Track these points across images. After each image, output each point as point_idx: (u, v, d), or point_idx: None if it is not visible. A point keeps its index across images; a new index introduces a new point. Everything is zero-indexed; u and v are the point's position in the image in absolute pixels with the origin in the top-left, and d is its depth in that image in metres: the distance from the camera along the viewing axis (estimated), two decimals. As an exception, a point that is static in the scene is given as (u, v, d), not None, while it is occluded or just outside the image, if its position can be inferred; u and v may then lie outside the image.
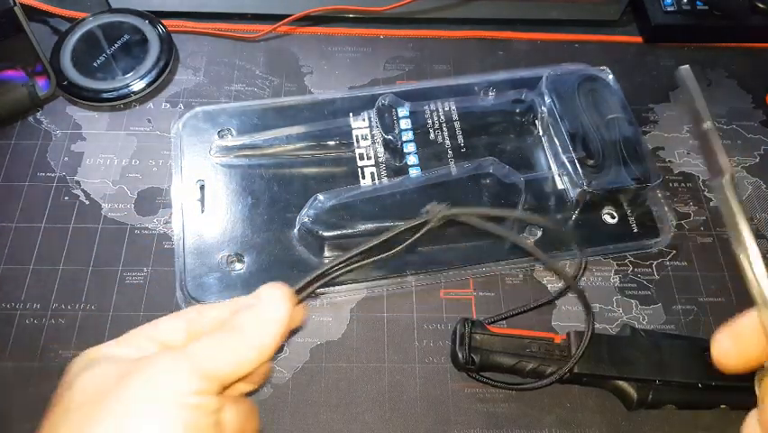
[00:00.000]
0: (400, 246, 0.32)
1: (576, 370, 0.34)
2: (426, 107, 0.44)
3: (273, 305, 0.28)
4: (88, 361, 0.27)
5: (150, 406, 0.24)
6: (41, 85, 0.46)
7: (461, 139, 0.43)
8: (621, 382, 0.34)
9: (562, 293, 0.39)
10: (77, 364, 0.27)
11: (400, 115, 0.44)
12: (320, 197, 0.39)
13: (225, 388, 0.27)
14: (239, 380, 0.28)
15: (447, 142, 0.43)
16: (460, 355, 0.35)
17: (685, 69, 0.28)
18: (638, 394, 0.34)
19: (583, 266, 0.38)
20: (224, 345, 0.27)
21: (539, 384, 0.35)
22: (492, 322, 0.37)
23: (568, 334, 0.35)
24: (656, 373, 0.34)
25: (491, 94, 0.45)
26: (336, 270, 0.31)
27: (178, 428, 0.24)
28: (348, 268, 0.32)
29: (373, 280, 0.39)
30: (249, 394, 0.30)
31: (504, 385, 0.36)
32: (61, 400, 0.26)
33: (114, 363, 0.26)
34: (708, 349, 0.35)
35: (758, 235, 0.42)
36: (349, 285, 0.39)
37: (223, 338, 0.27)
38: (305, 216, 0.39)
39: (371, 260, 0.32)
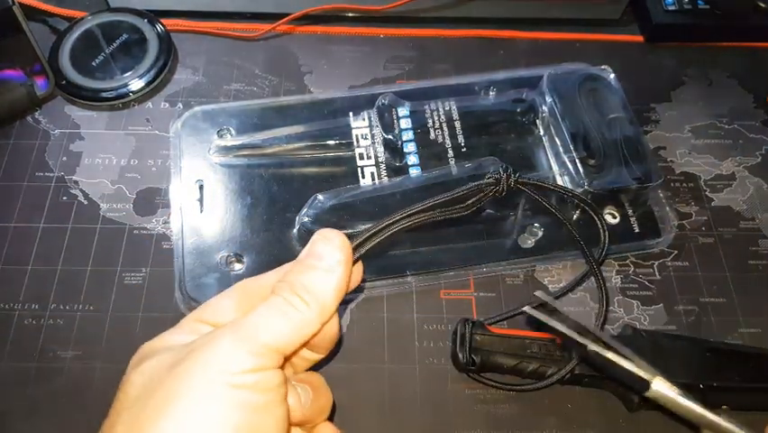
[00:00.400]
0: (473, 204, 0.32)
1: (577, 371, 0.34)
2: (427, 107, 0.44)
3: (331, 261, 0.26)
4: (143, 354, 0.26)
5: (202, 392, 0.22)
6: (40, 84, 0.45)
7: (461, 139, 0.43)
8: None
9: (564, 293, 0.39)
10: (134, 360, 0.26)
11: (400, 114, 0.43)
12: (320, 197, 0.39)
13: (288, 358, 0.25)
14: (302, 347, 0.26)
15: (447, 141, 0.43)
16: (460, 356, 0.35)
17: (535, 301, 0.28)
18: (638, 398, 0.34)
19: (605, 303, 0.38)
20: (279, 311, 0.24)
21: (540, 385, 0.34)
22: (493, 322, 0.37)
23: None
24: (657, 374, 0.34)
25: (492, 93, 0.45)
26: (396, 225, 0.30)
27: (235, 412, 0.22)
28: (408, 224, 0.30)
29: (373, 280, 0.39)
30: (319, 366, 0.28)
31: (504, 386, 0.35)
32: (118, 398, 0.24)
33: (167, 351, 0.25)
34: (709, 350, 0.35)
35: (758, 236, 0.42)
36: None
37: (276, 304, 0.25)
38: (304, 216, 0.39)
39: (432, 219, 0.31)
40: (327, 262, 0.26)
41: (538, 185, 0.37)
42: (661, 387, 0.28)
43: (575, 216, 0.41)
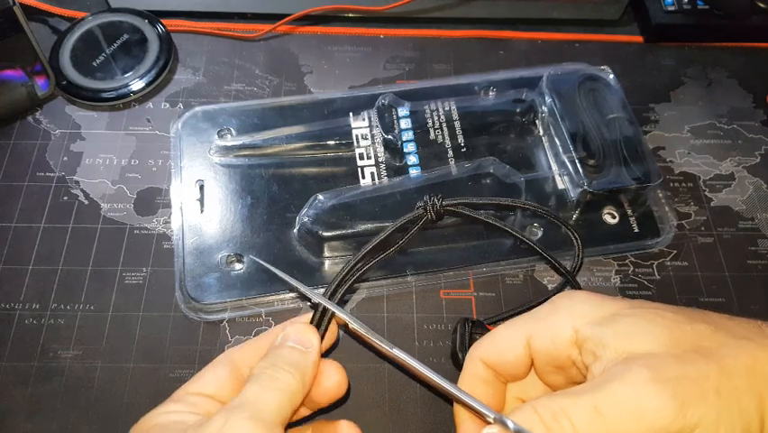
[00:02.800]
0: (404, 239, 0.35)
1: None
2: (426, 107, 0.44)
3: (300, 336, 0.29)
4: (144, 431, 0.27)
5: None
6: (41, 84, 0.45)
7: (461, 139, 0.43)
8: None
9: (559, 289, 0.39)
10: None
11: (400, 114, 0.43)
12: (320, 197, 0.39)
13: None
14: (293, 414, 0.28)
15: (447, 141, 0.43)
16: (460, 356, 0.35)
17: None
18: None
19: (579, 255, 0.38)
20: (273, 387, 0.27)
21: None
22: (492, 322, 0.37)
23: None
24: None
25: (492, 93, 0.45)
26: (345, 282, 0.34)
27: None
28: (352, 278, 0.34)
29: (373, 280, 0.39)
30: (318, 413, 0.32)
31: None
32: None
33: (170, 431, 0.26)
34: None
35: (758, 236, 0.42)
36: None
37: (268, 381, 0.27)
38: (304, 215, 0.39)
39: (374, 261, 0.34)
40: (303, 343, 0.29)
41: (468, 203, 0.37)
42: (399, 353, 0.30)
43: (575, 216, 0.41)
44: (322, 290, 0.33)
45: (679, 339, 0.24)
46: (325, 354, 0.36)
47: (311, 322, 0.31)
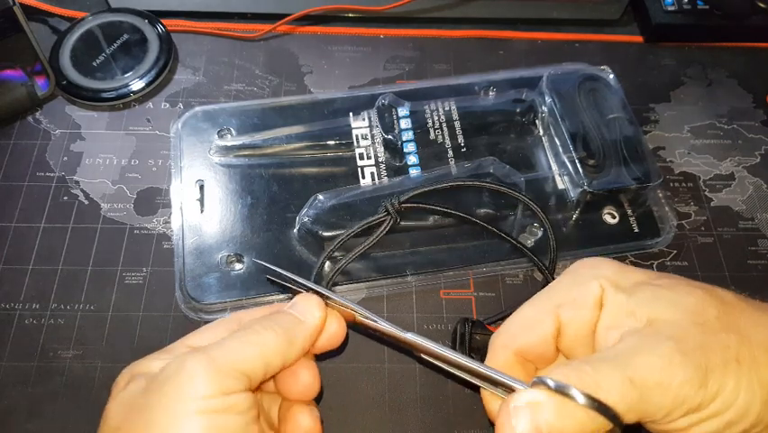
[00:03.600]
0: (370, 240, 0.35)
1: None
2: (426, 107, 0.44)
3: (307, 312, 0.28)
4: (126, 379, 0.27)
5: (173, 422, 0.23)
6: (41, 84, 0.45)
7: (461, 139, 0.43)
8: None
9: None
10: (118, 385, 0.27)
11: (400, 114, 0.43)
12: (320, 197, 0.39)
13: (258, 387, 0.27)
14: (269, 377, 0.27)
15: (447, 141, 0.43)
16: None
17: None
18: None
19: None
20: (246, 338, 0.26)
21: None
22: (492, 322, 0.37)
23: None
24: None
25: (492, 93, 0.45)
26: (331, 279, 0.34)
27: None
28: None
29: (373, 280, 0.39)
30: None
31: None
32: (101, 428, 0.25)
33: (143, 378, 0.26)
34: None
35: (758, 236, 0.42)
36: (349, 285, 0.39)
37: (246, 332, 0.26)
38: (304, 215, 0.39)
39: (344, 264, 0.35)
40: (303, 312, 0.29)
41: (421, 192, 0.37)
42: (414, 337, 0.28)
43: (575, 216, 0.41)
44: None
45: (701, 310, 0.24)
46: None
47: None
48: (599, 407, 0.21)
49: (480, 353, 0.35)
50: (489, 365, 0.27)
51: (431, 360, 0.28)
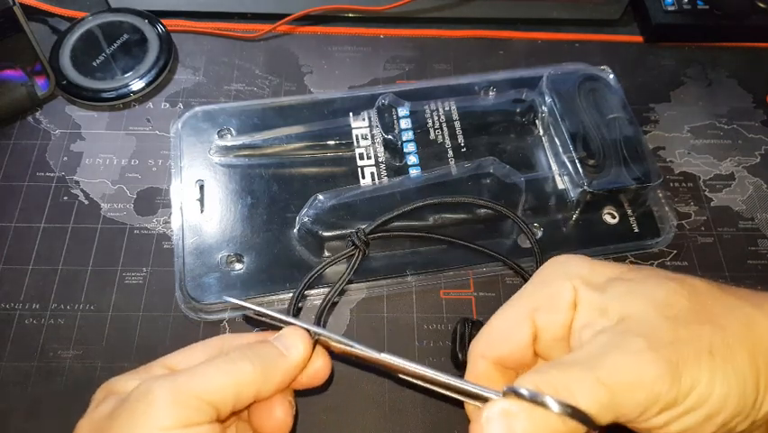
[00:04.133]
0: (343, 278, 0.35)
1: None
2: (426, 107, 0.44)
3: (291, 346, 0.27)
4: (101, 396, 0.26)
5: None
6: (41, 84, 0.45)
7: (461, 139, 0.43)
8: None
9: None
10: (94, 400, 0.27)
11: (400, 114, 0.43)
12: (320, 197, 0.39)
13: (225, 419, 0.26)
14: (240, 410, 0.26)
15: (447, 141, 0.43)
16: (460, 356, 0.35)
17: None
18: None
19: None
20: (219, 366, 0.25)
21: None
22: None
23: None
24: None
25: (492, 93, 0.45)
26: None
27: None
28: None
29: (373, 280, 0.39)
30: None
31: None
32: None
33: (115, 398, 0.25)
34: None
35: (758, 236, 0.42)
36: (349, 285, 0.39)
37: (222, 362, 0.25)
38: (304, 216, 0.39)
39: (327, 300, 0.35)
40: (288, 346, 0.27)
41: (386, 220, 0.37)
42: (388, 357, 0.28)
43: (575, 216, 0.41)
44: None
45: (672, 303, 0.24)
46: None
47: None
48: (573, 412, 0.21)
49: None
50: (465, 378, 0.27)
51: (407, 378, 0.28)
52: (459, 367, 0.36)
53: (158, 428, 0.23)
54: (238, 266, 0.39)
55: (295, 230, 0.40)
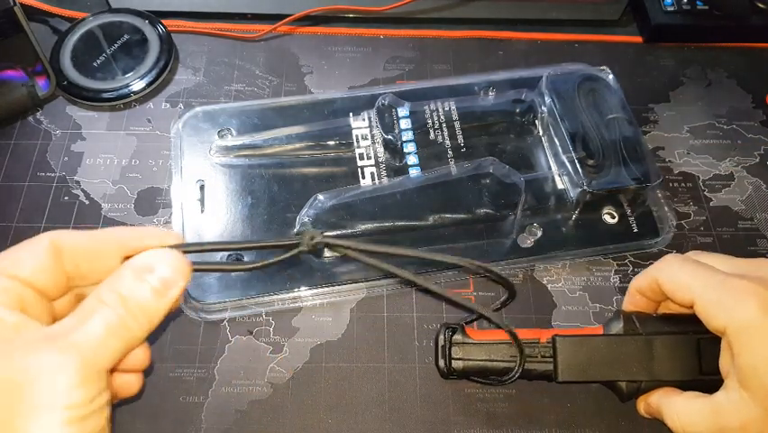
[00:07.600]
0: (269, 262, 0.29)
1: (560, 379, 0.33)
2: (426, 107, 0.44)
3: (170, 283, 0.24)
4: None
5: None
6: (41, 85, 0.46)
7: (461, 139, 0.43)
8: None
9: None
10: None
11: (400, 114, 0.44)
12: (320, 197, 0.39)
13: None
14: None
15: (447, 142, 0.43)
16: (441, 364, 0.35)
17: None
18: (627, 389, 0.34)
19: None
20: (115, 332, 0.23)
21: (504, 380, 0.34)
22: (468, 322, 0.36)
23: (554, 337, 0.34)
24: (645, 375, 0.33)
25: (491, 94, 0.45)
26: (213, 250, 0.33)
27: None
28: (218, 268, 0.35)
29: (373, 280, 0.39)
30: None
31: (489, 382, 0.35)
32: None
33: None
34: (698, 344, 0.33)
35: (757, 236, 0.42)
36: (349, 285, 0.39)
37: (112, 322, 0.23)
38: (305, 216, 0.39)
39: (240, 268, 0.32)
40: (164, 283, 0.24)
41: (342, 237, 0.36)
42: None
43: (574, 216, 0.41)
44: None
45: None
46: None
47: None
48: None
49: (461, 362, 0.34)
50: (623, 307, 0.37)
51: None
52: (445, 376, 0.35)
53: (65, 407, 0.21)
54: (238, 266, 0.39)
55: (295, 230, 0.40)
